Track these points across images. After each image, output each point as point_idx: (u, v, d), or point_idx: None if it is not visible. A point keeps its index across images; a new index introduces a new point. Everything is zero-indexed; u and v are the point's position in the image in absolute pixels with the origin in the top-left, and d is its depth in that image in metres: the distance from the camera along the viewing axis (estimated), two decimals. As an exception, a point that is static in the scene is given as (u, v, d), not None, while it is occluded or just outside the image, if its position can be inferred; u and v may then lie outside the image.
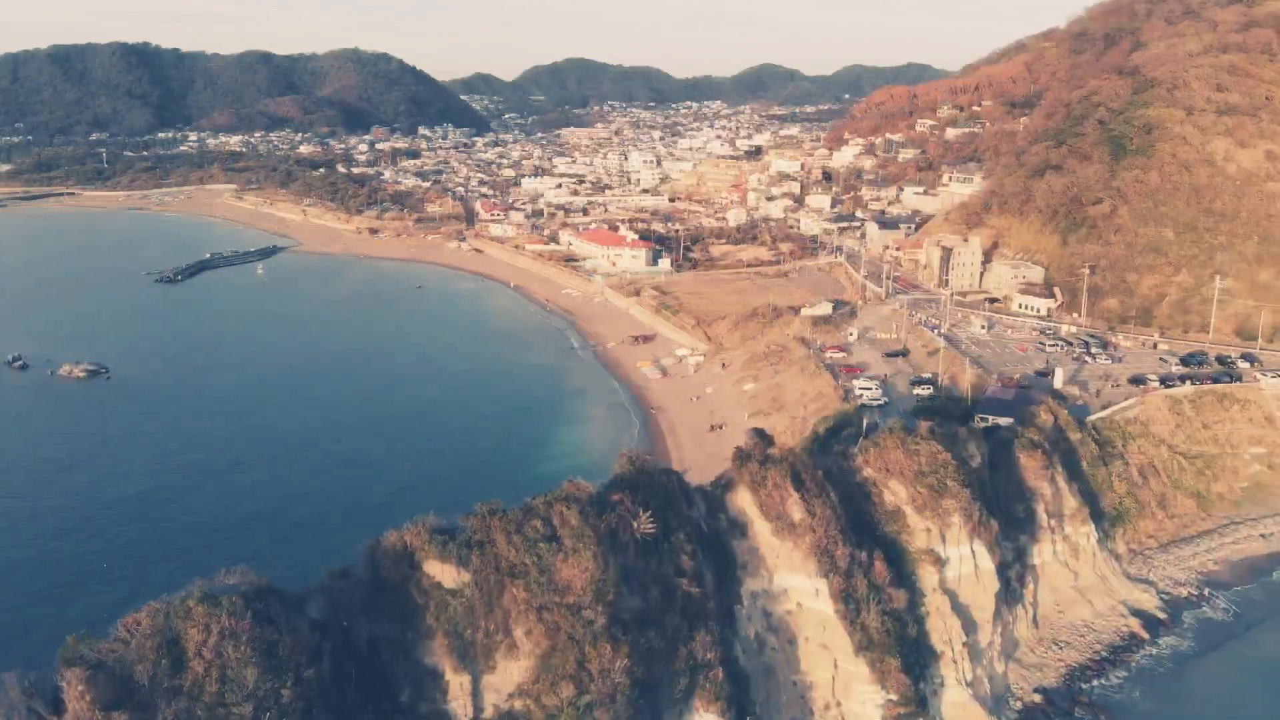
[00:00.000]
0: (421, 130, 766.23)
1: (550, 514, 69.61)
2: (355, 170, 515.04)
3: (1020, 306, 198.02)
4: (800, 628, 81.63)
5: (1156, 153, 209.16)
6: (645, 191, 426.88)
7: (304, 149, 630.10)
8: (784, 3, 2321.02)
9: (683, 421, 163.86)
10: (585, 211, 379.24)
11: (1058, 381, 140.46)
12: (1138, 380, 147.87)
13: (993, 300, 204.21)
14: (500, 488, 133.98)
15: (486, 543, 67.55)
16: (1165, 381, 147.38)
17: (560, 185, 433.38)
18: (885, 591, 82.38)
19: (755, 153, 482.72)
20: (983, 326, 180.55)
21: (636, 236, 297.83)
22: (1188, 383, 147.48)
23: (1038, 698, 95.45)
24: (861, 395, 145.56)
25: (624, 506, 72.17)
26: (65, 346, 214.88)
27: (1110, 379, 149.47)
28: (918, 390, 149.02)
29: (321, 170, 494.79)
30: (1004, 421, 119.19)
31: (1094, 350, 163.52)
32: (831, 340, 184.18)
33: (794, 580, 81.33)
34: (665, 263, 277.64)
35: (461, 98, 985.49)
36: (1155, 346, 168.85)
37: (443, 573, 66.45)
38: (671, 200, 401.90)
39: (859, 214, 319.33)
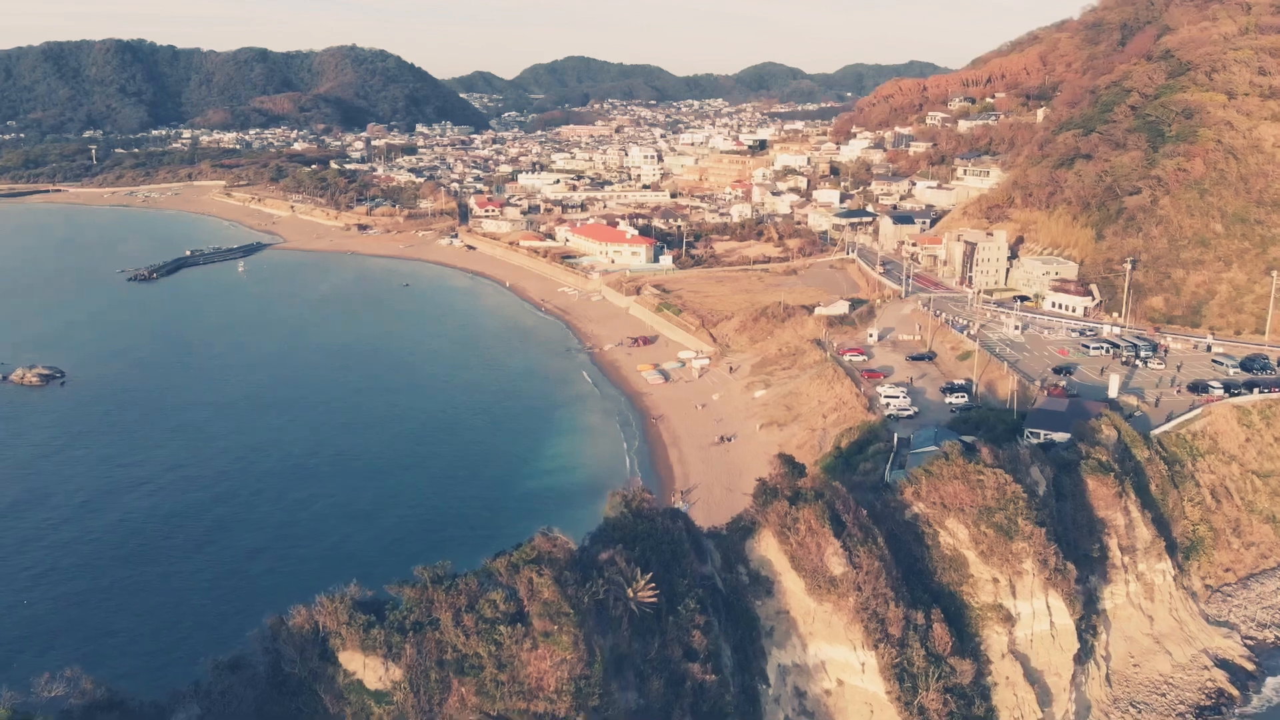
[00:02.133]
0: (419, 128, 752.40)
1: (515, 582, 52.06)
2: (348, 166, 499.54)
3: (1054, 305, 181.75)
4: (842, 711, 64.98)
5: (1200, 139, 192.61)
6: (646, 187, 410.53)
7: (298, 145, 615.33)
8: (786, 2, 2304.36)
9: (687, 432, 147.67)
10: (584, 207, 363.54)
11: (1113, 389, 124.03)
12: (1199, 387, 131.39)
13: (1022, 299, 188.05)
14: (477, 512, 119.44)
15: (427, 625, 50.12)
16: (1229, 389, 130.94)
17: (558, 181, 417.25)
18: (947, 663, 66.08)
19: (760, 147, 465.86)
20: (1016, 327, 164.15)
21: (636, 232, 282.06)
22: (1255, 390, 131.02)
23: (1115, 773, 79.54)
24: (889, 404, 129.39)
25: (616, 568, 55.32)
26: (23, 349, 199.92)
27: (1167, 386, 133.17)
28: (951, 399, 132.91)
29: (314, 166, 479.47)
30: (1059, 437, 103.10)
31: (1143, 353, 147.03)
32: (849, 342, 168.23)
33: (834, 651, 64.65)
34: (667, 259, 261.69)
35: (461, 95, 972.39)
36: (1209, 349, 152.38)
37: (365, 667, 48.99)
38: (673, 196, 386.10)
39: (870, 208, 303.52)
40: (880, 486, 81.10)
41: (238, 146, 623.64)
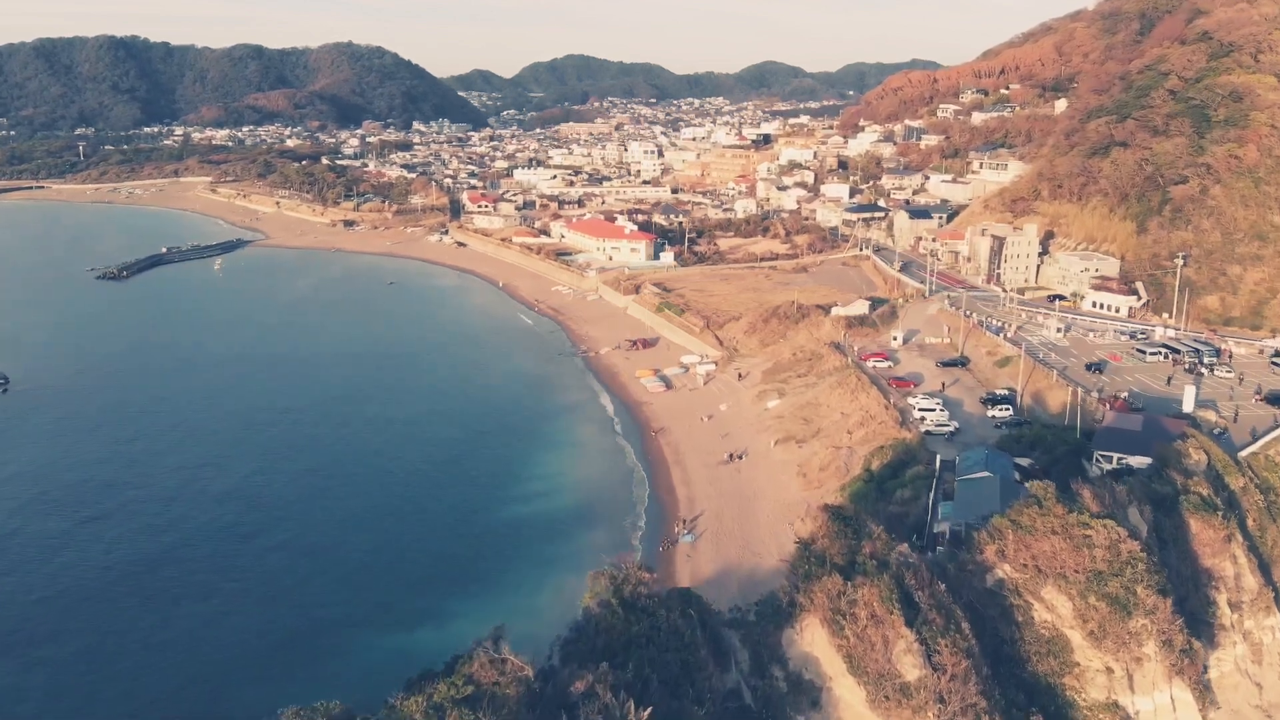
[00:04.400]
0: (416, 125, 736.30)
1: (438, 734, 35.41)
2: (340, 162, 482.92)
3: (1094, 305, 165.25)
4: None
5: (1252, 123, 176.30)
6: (646, 183, 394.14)
7: (291, 142, 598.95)
8: (786, 1, 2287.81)
9: (692, 447, 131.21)
10: (581, 203, 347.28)
11: (1188, 403, 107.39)
12: (1277, 399, 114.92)
13: (1057, 297, 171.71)
14: (439, 558, 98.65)
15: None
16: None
17: (555, 176, 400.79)
18: (1054, 793, 49.68)
19: (764, 141, 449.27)
20: (1058, 329, 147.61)
21: (636, 228, 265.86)
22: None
23: None
24: (924, 419, 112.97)
25: (597, 704, 36.73)
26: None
27: (1244, 398, 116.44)
28: (993, 412, 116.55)
29: (304, 162, 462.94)
30: (1136, 462, 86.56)
31: (1207, 359, 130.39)
32: (871, 346, 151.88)
33: (904, 786, 48.01)
34: (668, 256, 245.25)
35: (459, 94, 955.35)
36: (1278, 354, 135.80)
37: None
38: (675, 191, 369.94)
39: (881, 203, 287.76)
40: (956, 547, 63.59)
41: (230, 144, 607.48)
